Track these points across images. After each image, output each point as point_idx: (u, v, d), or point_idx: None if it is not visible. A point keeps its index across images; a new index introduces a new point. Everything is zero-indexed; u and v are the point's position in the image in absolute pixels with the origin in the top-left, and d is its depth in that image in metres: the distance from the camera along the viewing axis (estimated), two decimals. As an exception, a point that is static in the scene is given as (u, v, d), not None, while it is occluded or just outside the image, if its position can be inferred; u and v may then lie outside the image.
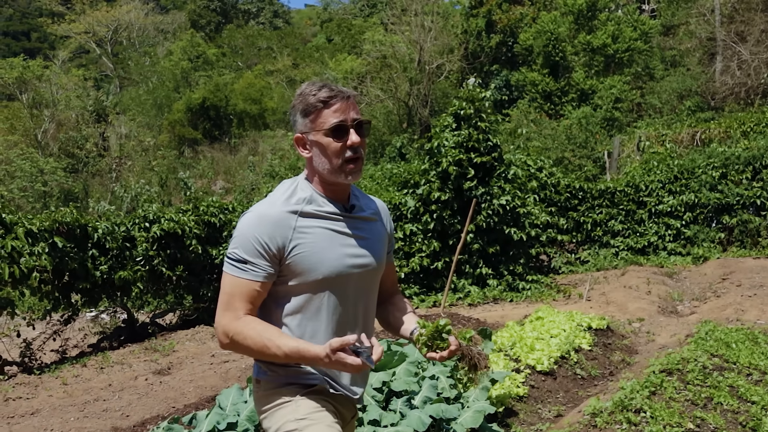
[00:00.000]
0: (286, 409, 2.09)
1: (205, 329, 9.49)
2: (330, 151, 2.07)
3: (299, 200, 2.09)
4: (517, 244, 11.13)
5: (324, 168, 2.09)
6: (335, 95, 2.06)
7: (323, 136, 2.06)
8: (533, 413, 5.16)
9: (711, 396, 4.57)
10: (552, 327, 6.82)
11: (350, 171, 2.10)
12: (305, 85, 2.12)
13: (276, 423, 2.09)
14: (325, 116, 2.06)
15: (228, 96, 41.57)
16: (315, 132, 2.07)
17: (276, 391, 2.12)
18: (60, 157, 32.75)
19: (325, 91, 2.06)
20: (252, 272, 2.03)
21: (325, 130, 2.06)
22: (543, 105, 28.65)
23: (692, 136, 17.84)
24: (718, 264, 11.56)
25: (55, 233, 8.13)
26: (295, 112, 2.12)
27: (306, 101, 2.08)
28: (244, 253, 2.02)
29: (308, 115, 2.08)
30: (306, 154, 2.14)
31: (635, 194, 13.61)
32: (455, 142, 10.95)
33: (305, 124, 2.09)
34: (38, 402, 6.31)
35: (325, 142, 2.07)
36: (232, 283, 2.04)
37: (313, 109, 2.07)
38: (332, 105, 2.06)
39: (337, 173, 2.09)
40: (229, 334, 2.01)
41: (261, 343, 1.97)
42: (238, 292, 2.03)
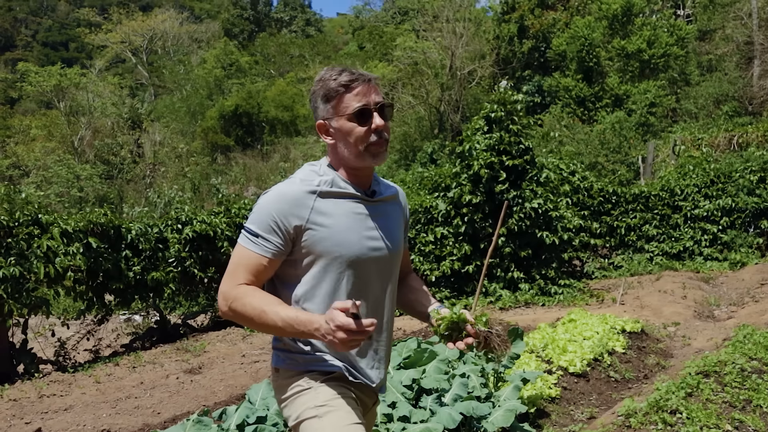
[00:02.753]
0: (305, 397, 2.07)
1: (236, 330, 9.54)
2: (354, 136, 2.05)
3: (321, 182, 2.07)
4: (550, 248, 11.01)
5: (349, 152, 2.07)
6: (356, 78, 2.04)
7: (346, 121, 2.04)
8: (565, 415, 5.08)
9: (750, 398, 4.45)
10: (585, 329, 6.73)
11: (375, 153, 2.07)
12: (325, 70, 2.10)
13: (296, 410, 2.07)
14: (347, 101, 2.04)
15: (260, 103, 41.98)
16: (338, 117, 2.05)
17: (295, 378, 2.11)
18: (96, 163, 33.40)
19: (345, 75, 2.05)
20: (262, 247, 2.02)
21: (348, 114, 2.03)
22: (576, 110, 28.38)
23: (729, 140, 17.52)
24: (756, 269, 11.31)
25: (90, 234, 8.25)
26: (316, 98, 2.10)
27: (327, 86, 2.06)
28: (257, 228, 2.02)
29: (330, 101, 2.06)
30: (329, 140, 2.11)
31: (670, 198, 13.39)
32: (487, 144, 10.88)
33: (327, 110, 2.07)
34: (71, 399, 6.39)
35: (349, 127, 2.04)
36: (240, 254, 2.04)
37: (335, 93, 2.04)
38: (354, 89, 2.04)
39: (362, 157, 2.07)
40: (228, 300, 2.00)
41: (259, 308, 1.95)
42: (245, 263, 2.03)
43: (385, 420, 3.85)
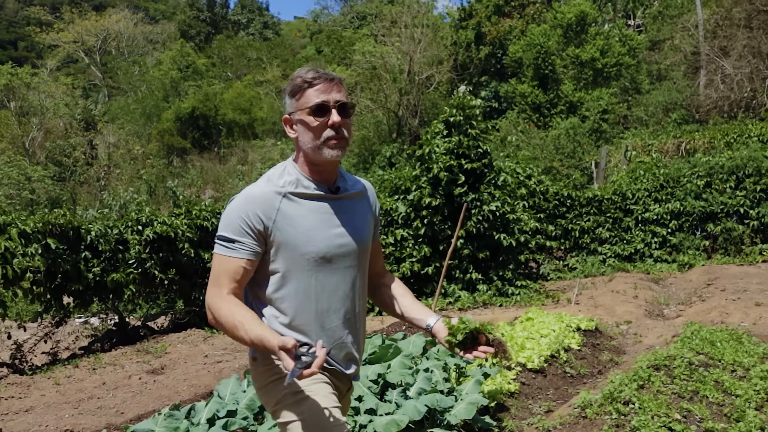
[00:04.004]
0: (283, 384, 2.15)
1: (197, 332, 9.53)
2: (312, 128, 2.16)
3: (285, 182, 2.17)
4: (507, 250, 11.25)
5: (307, 146, 2.18)
6: (319, 76, 2.17)
7: (306, 115, 2.16)
8: (524, 408, 5.25)
9: (697, 389, 4.69)
10: (542, 327, 6.94)
11: (332, 146, 2.16)
12: (297, 71, 2.24)
13: (275, 396, 2.17)
14: (308, 96, 2.16)
15: (217, 106, 41.64)
16: (299, 111, 2.18)
17: (272, 366, 2.18)
18: (47, 165, 32.67)
19: (311, 72, 2.18)
20: (239, 250, 2.11)
21: (308, 108, 2.15)
22: (532, 116, 28.93)
23: (677, 146, 18.10)
24: (703, 271, 11.73)
25: (48, 234, 8.15)
26: (285, 94, 2.24)
27: (293, 83, 2.20)
28: (230, 233, 2.11)
29: (294, 95, 2.19)
30: (292, 134, 2.24)
31: (622, 202, 13.80)
32: (446, 148, 11.08)
33: (292, 104, 2.21)
34: (31, 401, 6.33)
35: (308, 120, 2.16)
36: (219, 262, 2.13)
37: (299, 89, 2.18)
38: (316, 85, 2.16)
39: (319, 150, 2.16)
40: (212, 310, 2.10)
41: (232, 323, 2.05)
42: (224, 269, 2.12)
43: (353, 413, 3.96)
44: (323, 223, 2.20)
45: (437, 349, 5.25)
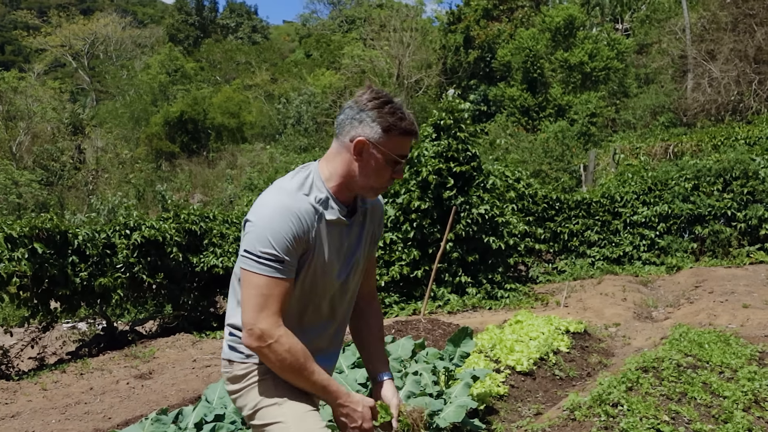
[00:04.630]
0: (262, 387, 2.12)
1: (185, 337, 9.48)
2: (379, 172, 2.09)
3: (317, 200, 2.06)
4: (496, 253, 11.27)
5: (362, 181, 2.10)
6: (414, 130, 2.10)
7: (384, 158, 2.07)
8: (513, 411, 5.25)
9: (685, 391, 4.70)
10: (531, 330, 6.94)
11: (378, 192, 2.16)
12: (393, 100, 2.09)
13: (253, 400, 2.12)
14: (400, 144, 2.07)
15: (206, 110, 41.51)
16: (381, 150, 2.06)
17: (249, 370, 2.14)
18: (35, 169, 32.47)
19: (410, 123, 2.08)
20: (289, 270, 2.00)
21: (390, 155, 2.07)
22: (521, 119, 29.03)
23: (665, 149, 18.21)
24: (691, 273, 11.79)
25: (35, 239, 8.09)
26: (372, 115, 2.06)
27: (394, 118, 2.05)
28: (279, 250, 1.97)
29: (387, 131, 2.05)
30: (355, 158, 2.09)
31: (611, 205, 13.86)
32: (435, 151, 11.09)
33: (379, 136, 2.05)
34: (17, 406, 6.28)
35: (381, 164, 2.08)
36: (268, 284, 1.98)
37: (397, 131, 2.05)
38: (408, 138, 2.09)
39: (368, 191, 2.14)
40: (268, 339, 1.98)
41: (297, 362, 1.99)
42: (276, 293, 1.98)
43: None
44: (338, 252, 2.15)
45: (426, 352, 5.25)
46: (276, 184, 2.11)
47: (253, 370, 2.14)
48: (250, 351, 2.13)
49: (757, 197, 12.65)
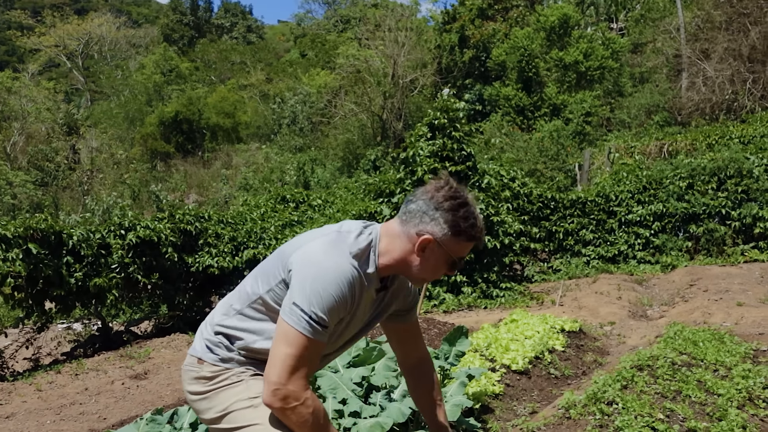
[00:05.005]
0: (236, 388, 2.08)
1: (180, 337, 9.47)
2: (437, 270, 2.12)
3: (366, 274, 2.05)
4: (491, 252, 11.28)
5: (416, 272, 2.11)
6: (481, 239, 2.13)
7: (445, 257, 2.08)
8: (509, 410, 5.26)
9: (680, 389, 4.71)
10: (526, 329, 6.96)
11: (423, 283, 2.23)
12: (468, 202, 2.08)
13: (222, 402, 2.08)
14: (464, 248, 2.09)
15: (201, 110, 41.46)
16: (445, 251, 2.07)
17: (221, 372, 2.11)
18: (29, 170, 32.39)
19: (480, 230, 2.10)
20: (326, 334, 1.97)
21: (451, 257, 2.09)
22: (516, 119, 29.05)
23: (660, 148, 18.24)
24: (685, 272, 11.82)
25: (30, 239, 8.08)
26: (446, 217, 2.05)
27: (466, 224, 2.05)
28: (330, 317, 1.94)
29: (457, 234, 2.05)
30: (417, 254, 2.08)
31: (605, 204, 13.87)
32: (430, 151, 11.10)
33: (447, 238, 2.05)
34: (12, 407, 6.26)
35: (441, 263, 2.10)
36: (309, 347, 1.93)
37: (465, 237, 2.06)
38: (473, 243, 2.11)
39: (418, 281, 2.18)
40: (293, 401, 1.92)
41: (319, 423, 1.98)
42: (313, 355, 1.96)
43: (336, 416, 3.94)
44: (358, 322, 2.17)
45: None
46: (340, 239, 2.07)
47: (226, 374, 2.11)
48: (227, 358, 2.11)
49: (752, 196, 12.69)
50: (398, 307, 2.36)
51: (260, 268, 2.18)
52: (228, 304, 2.17)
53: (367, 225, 2.15)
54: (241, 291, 2.17)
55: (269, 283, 2.07)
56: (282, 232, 11.60)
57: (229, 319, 2.13)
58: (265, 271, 2.13)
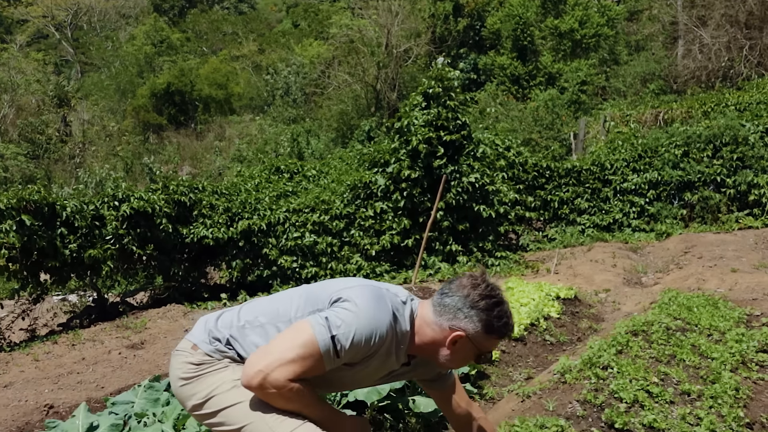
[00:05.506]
0: (223, 373, 2.09)
1: (176, 308, 9.47)
2: (462, 361, 2.20)
3: (399, 341, 2.10)
4: (486, 222, 11.28)
5: (443, 360, 2.17)
6: (510, 336, 2.35)
7: (473, 351, 2.16)
8: (504, 376, 5.30)
9: (674, 353, 4.74)
10: (522, 296, 6.98)
11: (444, 368, 2.31)
12: (503, 301, 2.14)
13: (208, 386, 2.08)
14: (491, 343, 2.16)
15: (193, 81, 41.05)
16: (480, 346, 2.14)
17: (212, 360, 2.12)
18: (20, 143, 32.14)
19: (511, 328, 2.16)
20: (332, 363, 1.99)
21: (477, 352, 2.16)
22: (511, 88, 28.89)
23: (655, 116, 18.19)
24: (680, 239, 11.86)
25: (23, 211, 8.04)
26: (480, 316, 2.10)
27: (500, 323, 2.12)
28: (347, 350, 1.96)
29: (489, 333, 2.12)
30: (447, 345, 2.14)
31: (600, 173, 13.87)
32: (425, 120, 11.03)
33: (479, 336, 2.12)
34: (10, 377, 6.27)
35: (469, 356, 2.18)
36: (314, 357, 1.95)
37: (497, 335, 2.14)
38: (502, 340, 2.25)
39: (444, 368, 2.27)
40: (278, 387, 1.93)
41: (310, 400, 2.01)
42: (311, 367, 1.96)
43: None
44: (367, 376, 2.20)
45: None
46: (389, 290, 2.14)
47: (214, 360, 2.12)
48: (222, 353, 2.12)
49: (747, 163, 12.69)
50: (422, 376, 2.44)
51: (300, 292, 2.20)
52: (253, 314, 2.16)
53: (412, 298, 2.22)
54: (271, 308, 2.16)
55: (304, 310, 2.09)
56: (276, 203, 11.57)
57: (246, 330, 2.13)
58: (306, 296, 2.15)
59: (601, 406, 3.62)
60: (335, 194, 11.68)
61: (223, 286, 11.81)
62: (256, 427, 1.97)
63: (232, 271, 10.93)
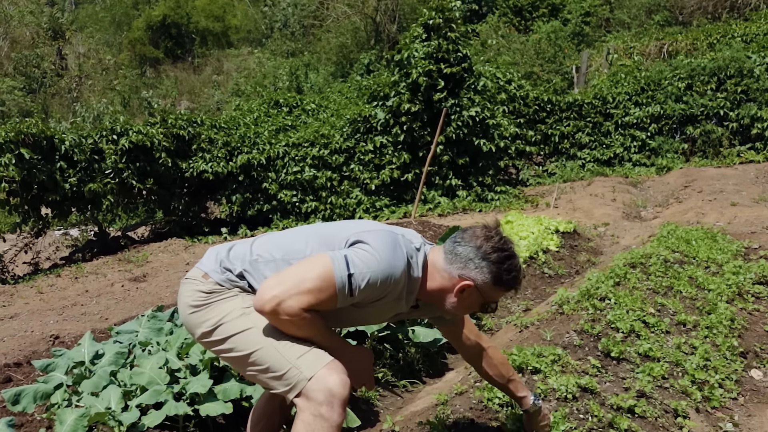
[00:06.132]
0: (233, 301, 2.10)
1: (177, 242, 9.54)
2: (467, 309, 2.19)
3: (410, 287, 2.11)
4: (486, 156, 11.24)
5: (449, 307, 2.16)
6: (518, 289, 2.20)
7: (479, 300, 2.15)
8: (503, 308, 5.37)
9: (671, 285, 4.79)
10: (521, 230, 7.01)
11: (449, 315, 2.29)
12: (514, 254, 2.12)
13: (220, 313, 2.08)
14: (497, 295, 2.16)
15: (189, 13, 40.17)
16: (487, 296, 2.13)
17: (222, 289, 2.12)
18: (15, 76, 31.71)
19: (519, 282, 2.16)
20: (345, 301, 1.99)
21: (487, 301, 2.16)
22: (513, 19, 28.31)
23: (659, 48, 17.89)
24: (680, 173, 11.84)
25: (21, 144, 8.00)
26: (491, 268, 2.09)
27: (509, 276, 2.10)
28: (361, 290, 1.96)
29: (497, 285, 2.10)
30: (455, 291, 2.12)
31: (602, 106, 13.74)
32: (425, 52, 10.86)
33: (487, 286, 2.11)
34: (15, 308, 6.37)
35: (475, 305, 2.16)
36: (329, 290, 1.95)
37: (504, 286, 2.12)
38: (505, 294, 2.19)
39: (449, 314, 2.25)
40: (291, 315, 1.93)
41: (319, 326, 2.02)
42: (324, 299, 1.95)
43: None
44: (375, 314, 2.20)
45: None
46: (405, 236, 2.14)
47: (224, 290, 2.12)
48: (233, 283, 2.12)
49: (751, 96, 12.55)
50: (428, 315, 2.48)
51: (315, 231, 2.20)
52: (266, 249, 2.16)
53: (425, 243, 2.22)
54: (285, 244, 2.17)
55: (319, 250, 2.08)
56: (276, 137, 11.49)
57: (262, 259, 2.13)
58: (321, 235, 2.16)
59: (597, 336, 3.68)
60: (334, 128, 11.59)
61: (223, 220, 11.85)
62: (264, 353, 1.99)
63: (231, 205, 10.95)
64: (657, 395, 3.10)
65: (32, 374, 3.82)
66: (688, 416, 3.01)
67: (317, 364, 1.93)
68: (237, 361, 2.08)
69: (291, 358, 1.96)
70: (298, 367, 1.94)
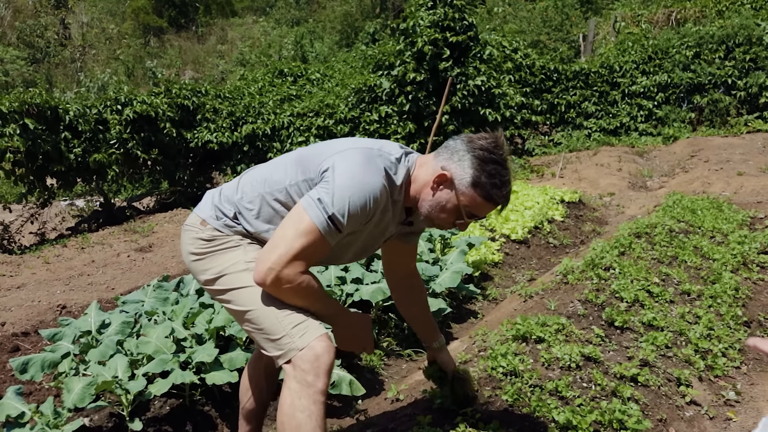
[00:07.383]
0: (234, 252, 2.09)
1: (183, 212, 9.55)
2: (441, 212, 2.05)
3: (394, 196, 2.03)
4: (492, 125, 11.15)
5: (424, 208, 2.06)
6: (501, 205, 2.03)
7: (454, 206, 2.03)
8: (508, 278, 5.39)
9: (676, 255, 4.79)
10: (526, 200, 7.01)
11: (430, 225, 2.13)
12: (504, 164, 1.99)
13: (220, 264, 2.09)
14: (478, 205, 2.01)
15: (193, -19, 39.84)
16: (462, 198, 2.01)
17: (222, 235, 2.11)
18: (19, 46, 31.57)
19: (501, 196, 2.00)
20: (336, 238, 1.95)
21: (468, 210, 2.02)
22: (519, -13, 27.95)
23: (668, 16, 17.65)
24: (687, 143, 11.77)
25: (26, 114, 7.99)
26: (474, 163, 1.98)
27: (490, 180, 1.97)
28: (347, 223, 1.91)
29: (475, 187, 1.98)
30: (438, 187, 2.04)
31: (609, 75, 13.61)
32: (430, 21, 10.74)
33: (464, 185, 2.00)
34: (22, 278, 6.41)
35: (450, 209, 2.03)
36: (317, 242, 1.91)
37: (482, 192, 1.98)
38: (490, 206, 2.02)
39: (425, 220, 2.10)
40: (285, 284, 1.92)
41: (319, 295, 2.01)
42: (318, 252, 1.94)
43: (339, 282, 4.03)
44: (376, 241, 2.17)
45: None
46: (381, 157, 2.02)
47: (223, 237, 2.11)
48: (230, 228, 2.11)
49: (760, 64, 12.41)
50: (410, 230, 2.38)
51: (293, 158, 2.14)
52: (250, 185, 2.14)
53: (408, 152, 2.12)
54: (266, 175, 2.14)
55: (296, 178, 2.05)
56: (280, 107, 11.44)
57: (246, 197, 2.12)
58: (299, 161, 2.10)
59: (601, 305, 3.69)
60: (339, 98, 11.53)
61: (229, 190, 11.85)
62: (261, 314, 2.00)
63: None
64: (660, 364, 3.12)
65: (40, 343, 3.86)
66: (691, 385, 3.03)
67: (310, 335, 1.93)
68: (235, 313, 2.10)
69: (286, 325, 1.96)
70: (291, 336, 1.94)
